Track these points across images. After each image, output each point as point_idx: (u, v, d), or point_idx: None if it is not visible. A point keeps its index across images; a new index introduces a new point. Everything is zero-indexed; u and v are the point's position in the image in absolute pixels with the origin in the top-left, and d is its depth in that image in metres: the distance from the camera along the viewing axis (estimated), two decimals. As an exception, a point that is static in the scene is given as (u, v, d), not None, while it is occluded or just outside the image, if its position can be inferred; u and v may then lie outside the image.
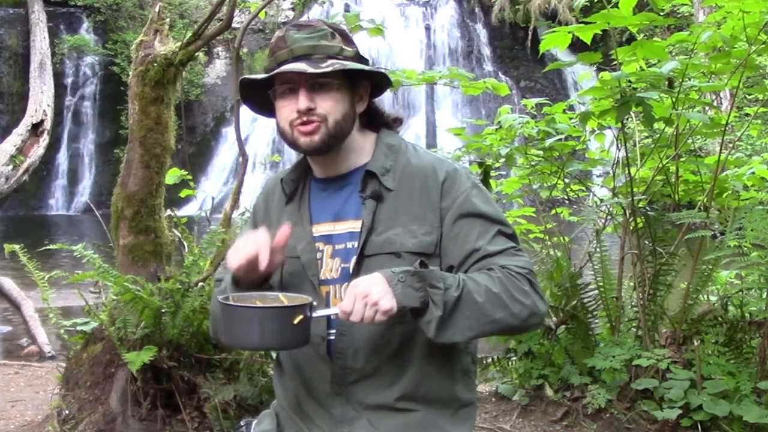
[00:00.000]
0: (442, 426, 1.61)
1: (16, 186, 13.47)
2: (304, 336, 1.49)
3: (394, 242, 1.57)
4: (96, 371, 3.14)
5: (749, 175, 3.53)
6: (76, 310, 4.44)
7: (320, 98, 1.57)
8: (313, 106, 1.57)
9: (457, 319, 1.47)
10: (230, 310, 1.49)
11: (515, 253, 1.58)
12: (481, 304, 1.48)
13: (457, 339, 1.50)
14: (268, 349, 1.65)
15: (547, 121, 3.63)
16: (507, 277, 1.52)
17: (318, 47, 1.58)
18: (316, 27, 1.60)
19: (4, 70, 17.46)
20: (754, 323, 3.27)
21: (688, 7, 10.11)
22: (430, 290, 1.46)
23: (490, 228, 1.59)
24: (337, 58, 1.58)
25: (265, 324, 1.46)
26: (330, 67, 1.55)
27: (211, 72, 18.69)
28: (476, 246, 1.57)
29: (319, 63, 1.55)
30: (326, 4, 17.56)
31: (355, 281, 1.48)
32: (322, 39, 1.59)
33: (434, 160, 1.66)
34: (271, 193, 1.76)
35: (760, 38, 3.05)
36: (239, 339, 1.51)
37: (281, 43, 1.60)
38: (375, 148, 1.67)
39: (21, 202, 16.65)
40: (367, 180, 1.62)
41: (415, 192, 1.61)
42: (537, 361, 3.53)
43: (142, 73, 3.34)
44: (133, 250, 3.32)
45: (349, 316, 1.45)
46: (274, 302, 1.53)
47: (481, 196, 1.62)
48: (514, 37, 18.99)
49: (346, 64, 1.57)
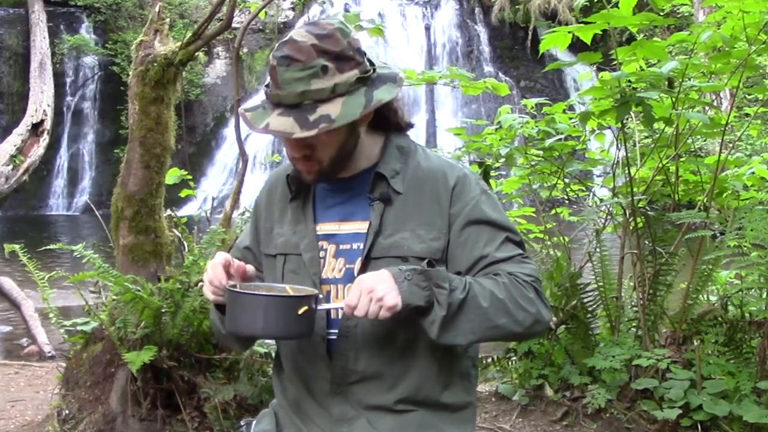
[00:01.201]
0: (442, 427, 1.61)
1: (16, 186, 13.45)
2: (307, 328, 1.49)
3: (402, 246, 1.57)
4: (96, 371, 3.14)
5: (749, 175, 3.54)
6: (76, 310, 4.44)
7: (315, 141, 1.53)
8: (308, 152, 1.55)
9: (460, 321, 1.48)
10: (236, 297, 1.50)
11: (522, 261, 1.58)
12: (486, 308, 1.49)
13: (459, 341, 1.50)
14: (270, 337, 1.66)
15: (547, 121, 3.63)
16: (513, 284, 1.52)
17: (307, 93, 1.47)
18: (307, 63, 1.47)
19: (4, 70, 17.45)
20: (754, 323, 3.27)
21: (688, 7, 10.11)
22: (436, 290, 1.46)
23: (498, 235, 1.59)
24: (331, 97, 1.49)
25: (270, 312, 1.47)
26: (315, 128, 1.46)
27: (211, 72, 18.67)
28: (484, 253, 1.57)
29: (308, 114, 1.47)
30: (326, 4, 17.55)
31: (362, 276, 1.48)
32: (313, 79, 1.47)
33: (444, 164, 1.65)
34: (274, 187, 1.75)
35: (760, 38, 3.05)
36: (242, 326, 1.51)
37: (273, 75, 1.51)
38: (385, 149, 1.64)
39: (21, 202, 16.64)
40: (376, 182, 1.61)
41: (424, 196, 1.60)
42: (537, 361, 3.53)
43: (142, 73, 3.34)
44: (133, 250, 3.32)
45: (354, 310, 1.45)
46: (281, 293, 1.54)
47: (489, 203, 1.62)
48: (514, 37, 18.98)
49: (333, 121, 1.47)
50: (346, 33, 1.54)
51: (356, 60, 1.53)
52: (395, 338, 1.58)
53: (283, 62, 1.49)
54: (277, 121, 1.49)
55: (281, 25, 18.54)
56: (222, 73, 18.59)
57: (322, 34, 1.51)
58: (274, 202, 1.73)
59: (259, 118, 1.52)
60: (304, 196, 1.67)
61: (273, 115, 1.50)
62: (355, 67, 1.52)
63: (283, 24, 18.65)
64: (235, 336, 1.66)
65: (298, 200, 1.68)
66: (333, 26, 1.54)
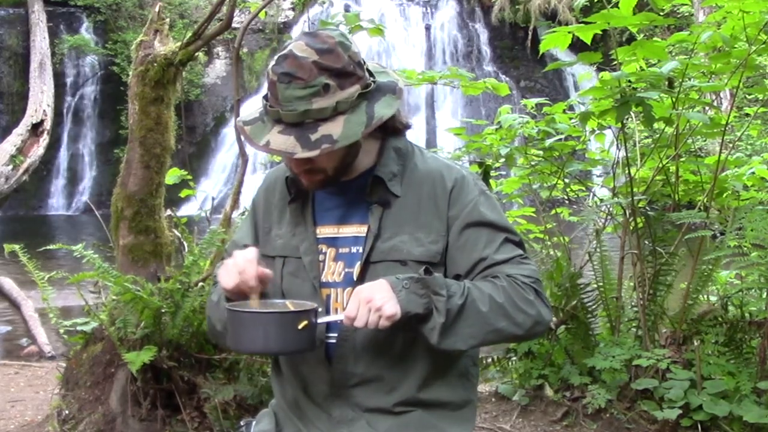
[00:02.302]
0: (441, 427, 1.61)
1: (16, 186, 13.44)
2: (308, 341, 1.50)
3: (401, 250, 1.57)
4: (96, 371, 3.14)
5: (749, 175, 3.54)
6: (76, 310, 4.44)
7: (316, 159, 1.53)
8: (309, 167, 1.55)
9: (460, 326, 1.48)
10: (236, 316, 1.50)
11: (522, 262, 1.58)
12: (485, 313, 1.49)
13: (460, 347, 1.51)
14: (272, 353, 1.66)
15: (547, 121, 3.63)
16: (512, 287, 1.52)
17: (309, 113, 1.47)
18: (308, 81, 1.46)
19: (4, 70, 17.44)
20: (754, 323, 3.27)
21: (688, 7, 10.11)
22: (434, 297, 1.46)
23: (497, 236, 1.59)
24: (333, 116, 1.48)
25: (270, 329, 1.48)
26: (317, 149, 1.46)
27: (211, 72, 18.66)
28: (483, 255, 1.57)
29: (309, 133, 1.47)
30: (326, 4, 17.54)
31: (359, 287, 1.48)
32: (314, 97, 1.46)
33: (442, 166, 1.64)
34: (272, 187, 1.74)
35: (760, 38, 3.05)
36: (244, 344, 1.53)
37: (273, 91, 1.49)
38: (382, 152, 1.64)
39: (21, 202, 16.63)
40: (374, 185, 1.60)
41: (422, 199, 1.60)
42: (537, 361, 3.53)
43: (142, 73, 3.34)
44: (133, 250, 3.32)
45: (354, 321, 1.45)
46: (281, 309, 1.54)
47: (488, 204, 1.61)
48: (514, 37, 18.98)
49: (335, 142, 1.47)
50: (347, 47, 1.52)
51: (357, 75, 1.51)
52: (394, 342, 1.58)
53: (283, 79, 1.47)
54: (278, 139, 1.49)
55: (281, 25, 18.55)
56: (222, 73, 18.58)
57: (323, 49, 1.48)
58: (272, 203, 1.72)
59: (258, 133, 1.52)
60: (303, 198, 1.67)
61: (273, 132, 1.50)
62: (356, 82, 1.51)
63: (283, 24, 18.66)
64: (238, 353, 1.66)
65: (297, 202, 1.67)
66: (334, 40, 1.51)
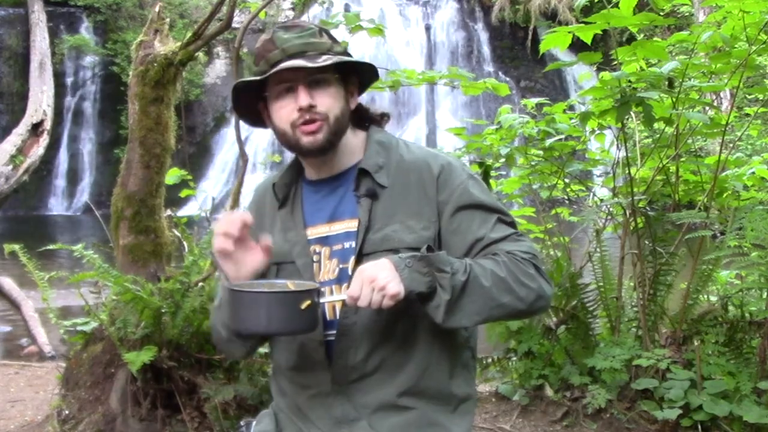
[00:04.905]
0: (442, 422, 1.60)
1: (16, 186, 13.43)
2: (311, 322, 1.49)
3: (393, 239, 1.57)
4: (96, 371, 3.14)
5: (749, 175, 3.54)
6: (76, 310, 4.44)
7: (319, 95, 1.57)
8: (314, 103, 1.57)
9: (464, 303, 1.47)
10: (238, 296, 1.50)
11: (518, 239, 1.59)
12: (488, 288, 1.48)
13: (465, 323, 1.50)
14: (275, 334, 1.65)
15: (547, 121, 3.63)
16: (512, 262, 1.53)
17: (310, 44, 1.58)
18: (304, 27, 1.61)
19: (4, 70, 17.45)
20: (754, 323, 3.27)
21: (688, 7, 10.11)
22: (438, 275, 1.46)
23: (490, 217, 1.59)
24: (330, 54, 1.58)
25: (273, 309, 1.47)
26: (328, 60, 1.55)
27: (211, 72, 18.67)
28: (479, 235, 1.57)
29: (314, 59, 1.56)
30: (326, 4, 17.54)
31: (362, 266, 1.47)
32: (312, 37, 1.59)
33: (427, 154, 1.66)
34: (261, 198, 1.76)
35: (760, 38, 3.05)
36: (247, 324, 1.51)
37: (270, 45, 1.59)
38: (366, 145, 1.66)
39: (21, 202, 16.62)
40: (361, 178, 1.62)
41: (410, 187, 1.61)
42: (537, 361, 3.53)
43: (142, 73, 3.34)
44: (133, 250, 3.32)
45: (357, 300, 1.44)
46: (282, 289, 1.54)
47: (477, 187, 1.63)
48: (514, 37, 18.99)
49: (342, 58, 1.58)
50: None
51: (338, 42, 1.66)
52: (394, 330, 1.58)
53: (279, 29, 1.60)
54: (286, 64, 1.56)
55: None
56: (222, 73, 18.59)
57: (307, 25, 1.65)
58: (264, 213, 1.73)
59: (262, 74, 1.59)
60: (292, 202, 1.68)
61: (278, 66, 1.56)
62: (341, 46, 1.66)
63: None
64: (240, 335, 1.64)
65: (287, 207, 1.68)
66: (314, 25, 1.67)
